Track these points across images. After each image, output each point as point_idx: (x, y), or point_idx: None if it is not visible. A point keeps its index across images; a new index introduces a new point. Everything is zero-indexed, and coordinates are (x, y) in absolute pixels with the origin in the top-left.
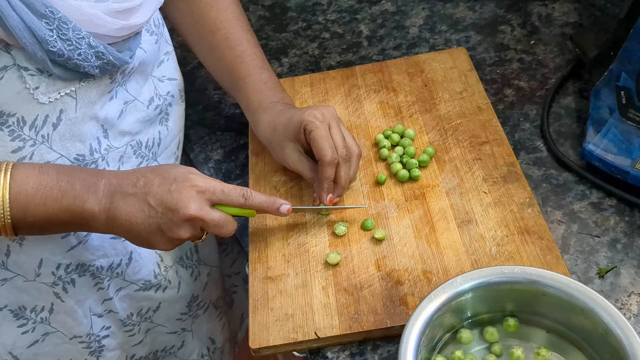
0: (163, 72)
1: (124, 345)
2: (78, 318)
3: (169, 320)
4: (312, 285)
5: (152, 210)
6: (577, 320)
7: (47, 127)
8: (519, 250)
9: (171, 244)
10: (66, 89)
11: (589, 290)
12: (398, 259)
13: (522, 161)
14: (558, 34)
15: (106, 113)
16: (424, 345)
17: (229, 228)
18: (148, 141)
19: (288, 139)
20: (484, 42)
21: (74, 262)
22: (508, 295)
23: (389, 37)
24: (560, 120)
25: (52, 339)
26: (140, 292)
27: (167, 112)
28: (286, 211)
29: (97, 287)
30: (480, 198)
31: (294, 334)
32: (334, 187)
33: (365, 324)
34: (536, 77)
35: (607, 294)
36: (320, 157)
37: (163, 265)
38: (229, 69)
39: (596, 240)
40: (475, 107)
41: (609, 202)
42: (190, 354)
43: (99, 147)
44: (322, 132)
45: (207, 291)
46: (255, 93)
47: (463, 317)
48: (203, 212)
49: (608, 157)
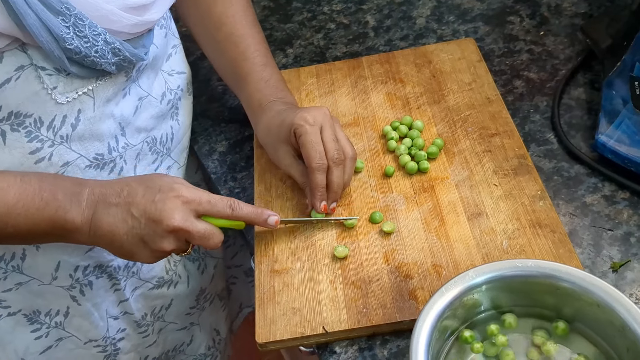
0: (172, 66)
1: (138, 347)
2: (94, 321)
3: (179, 316)
4: (320, 278)
5: (135, 221)
6: (592, 315)
7: (65, 128)
8: (531, 244)
9: (154, 257)
10: (84, 88)
11: (605, 284)
12: (407, 253)
13: (532, 153)
14: (568, 24)
15: (122, 110)
16: (435, 339)
17: (214, 240)
18: (162, 137)
19: (281, 142)
20: (493, 33)
21: (92, 264)
22: (521, 289)
23: (396, 28)
24: (571, 112)
25: (66, 344)
26: (154, 290)
27: (177, 107)
28: (274, 223)
29: (113, 288)
30: (491, 191)
31: (301, 328)
32: (327, 193)
33: (374, 319)
34: (546, 69)
35: (621, 289)
36: (308, 163)
37: (172, 260)
38: (231, 65)
39: (609, 234)
40: (484, 98)
41: (621, 194)
42: (197, 348)
43: (117, 145)
44: (310, 137)
45: (213, 283)
46: (256, 92)
47: (476, 311)
48: (188, 223)
49: (621, 148)
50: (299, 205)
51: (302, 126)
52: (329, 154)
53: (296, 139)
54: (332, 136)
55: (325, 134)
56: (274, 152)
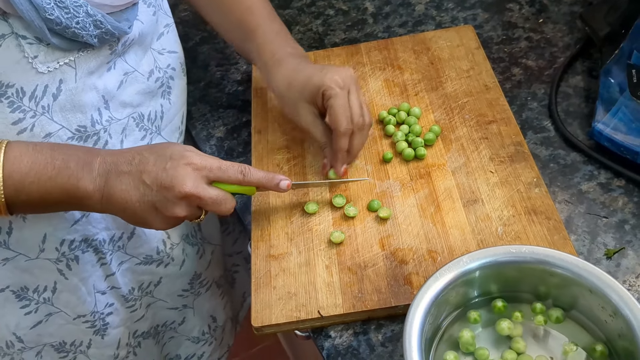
0: (163, 45)
1: (126, 321)
2: (82, 296)
3: (169, 295)
4: (316, 263)
5: (146, 188)
6: (585, 301)
7: (47, 98)
8: (526, 231)
9: (167, 223)
10: (65, 58)
11: (598, 270)
12: (403, 238)
13: (529, 141)
14: (567, 12)
15: (105, 83)
16: (429, 324)
17: (227, 206)
18: (150, 114)
19: (304, 99)
20: (492, 20)
21: (77, 238)
22: (514, 275)
23: (395, 14)
24: (569, 100)
25: (56, 320)
26: (141, 266)
27: (170, 86)
28: (286, 186)
29: (100, 262)
30: (487, 177)
31: (296, 313)
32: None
33: (369, 303)
34: (544, 56)
35: (615, 275)
36: (335, 126)
37: (169, 242)
38: (237, 22)
39: (604, 221)
40: (482, 85)
41: (617, 182)
42: (190, 330)
43: (100, 118)
44: (341, 101)
45: (210, 269)
46: (267, 44)
47: (469, 296)
48: (199, 189)
49: (617, 136)
50: (297, 192)
51: (332, 89)
52: (354, 119)
53: (324, 100)
54: (358, 101)
55: (352, 97)
56: (294, 109)
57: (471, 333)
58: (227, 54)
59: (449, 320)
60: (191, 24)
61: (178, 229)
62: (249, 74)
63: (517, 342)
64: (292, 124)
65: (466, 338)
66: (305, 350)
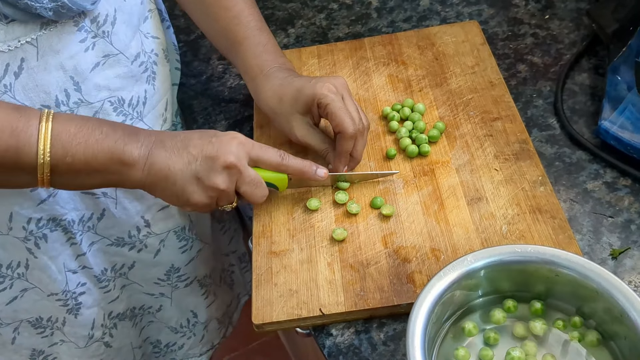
0: (147, 29)
1: (100, 302)
2: (52, 274)
3: (145, 280)
4: (317, 261)
5: (191, 157)
6: (591, 302)
7: (9, 77)
8: (530, 230)
9: (205, 195)
10: (26, 37)
11: (605, 271)
12: (406, 236)
13: (534, 138)
14: (573, 8)
15: (76, 64)
16: (432, 323)
17: (262, 191)
18: (132, 99)
19: (297, 112)
20: (497, 16)
21: (45, 217)
22: (518, 275)
23: (399, 9)
24: (575, 98)
25: (31, 295)
26: (112, 247)
27: (154, 71)
28: (323, 175)
29: (69, 242)
30: (491, 175)
31: (298, 310)
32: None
33: (371, 302)
34: (550, 53)
35: (621, 276)
36: (341, 130)
37: (146, 230)
38: (224, 31)
39: (610, 221)
40: (487, 82)
41: (623, 181)
42: (169, 319)
43: (67, 99)
44: (339, 105)
45: (191, 266)
46: (254, 57)
47: (473, 296)
48: (242, 163)
49: (624, 135)
50: (299, 189)
51: (327, 96)
52: (355, 124)
53: (320, 109)
54: (354, 105)
55: (347, 103)
56: (287, 123)
57: (465, 350)
58: None
59: (453, 319)
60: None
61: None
62: None
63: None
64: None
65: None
66: (305, 347)
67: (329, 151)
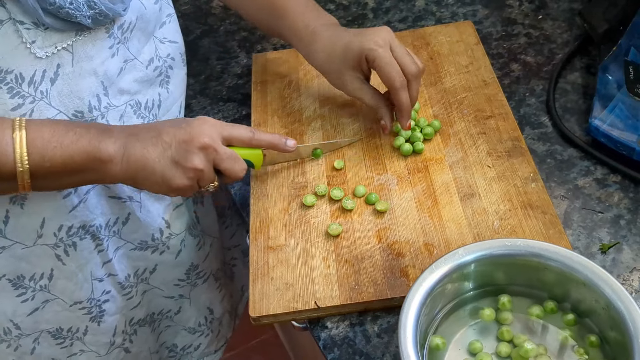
0: (164, 34)
1: (123, 309)
2: (79, 282)
3: (165, 284)
4: (313, 255)
5: (166, 144)
6: (578, 294)
7: (45, 83)
8: (522, 225)
9: (186, 177)
10: (62, 43)
11: (592, 264)
12: (400, 231)
13: (527, 136)
14: (566, 9)
15: (106, 69)
16: (424, 315)
17: (241, 164)
18: (147, 102)
19: (348, 67)
20: (491, 16)
21: (76, 224)
22: (508, 268)
23: (395, 10)
24: (567, 96)
25: (53, 307)
26: (135, 252)
27: (168, 75)
28: (292, 145)
29: (97, 249)
30: (484, 172)
31: (294, 303)
32: None
33: (366, 295)
34: (543, 52)
35: (609, 270)
36: (390, 84)
37: (168, 231)
38: (265, 2)
39: (599, 216)
40: (480, 81)
41: (613, 178)
42: (187, 321)
43: (99, 104)
44: (386, 59)
45: (208, 261)
46: (300, 16)
47: (464, 289)
48: (216, 143)
49: (614, 133)
50: (294, 184)
51: (374, 50)
52: (407, 69)
53: (369, 63)
54: (404, 51)
55: (396, 51)
56: (338, 79)
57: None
58: (227, 47)
59: (444, 312)
60: (192, 17)
61: (182, 220)
62: (249, 67)
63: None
64: (291, 117)
65: None
66: (302, 342)
67: (380, 106)
